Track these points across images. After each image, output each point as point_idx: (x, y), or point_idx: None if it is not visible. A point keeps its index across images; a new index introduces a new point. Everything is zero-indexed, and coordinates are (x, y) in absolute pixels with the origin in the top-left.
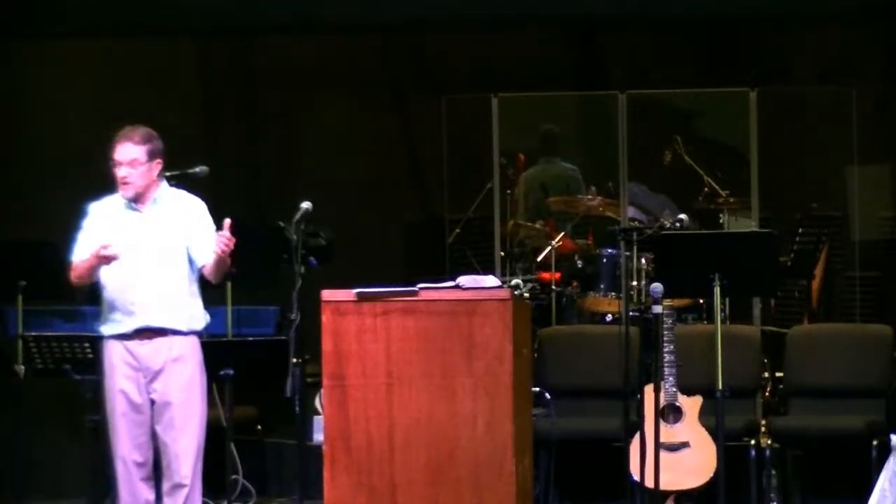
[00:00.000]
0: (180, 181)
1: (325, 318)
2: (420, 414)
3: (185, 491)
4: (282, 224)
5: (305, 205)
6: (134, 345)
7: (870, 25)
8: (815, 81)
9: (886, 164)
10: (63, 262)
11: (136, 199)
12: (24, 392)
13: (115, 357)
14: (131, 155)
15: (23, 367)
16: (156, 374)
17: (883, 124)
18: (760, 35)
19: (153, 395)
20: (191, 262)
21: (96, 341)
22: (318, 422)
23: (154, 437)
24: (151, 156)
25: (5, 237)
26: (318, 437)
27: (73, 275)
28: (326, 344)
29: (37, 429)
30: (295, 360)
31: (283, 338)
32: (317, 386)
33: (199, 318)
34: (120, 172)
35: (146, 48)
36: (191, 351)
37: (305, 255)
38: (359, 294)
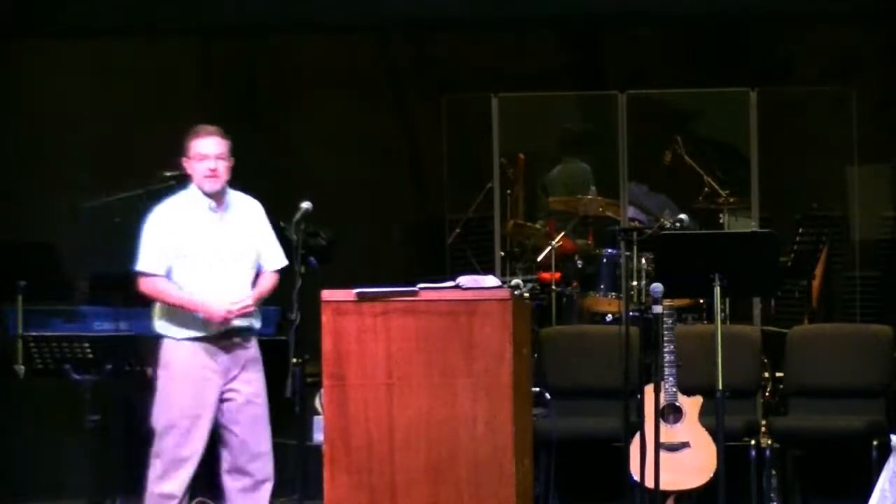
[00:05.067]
0: (180, 181)
1: (325, 318)
2: (420, 414)
3: (269, 486)
4: (282, 224)
5: (305, 205)
6: (216, 347)
7: (870, 25)
8: (815, 81)
9: (886, 164)
10: (61, 262)
11: (215, 197)
12: (24, 392)
13: (193, 359)
14: (220, 148)
15: (23, 367)
16: (237, 375)
17: (883, 124)
18: (760, 35)
19: (233, 395)
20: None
21: (96, 341)
22: (318, 422)
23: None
24: (230, 154)
25: (5, 237)
26: (318, 437)
27: (149, 291)
28: (326, 344)
29: (37, 429)
30: (295, 360)
31: (283, 338)
32: (317, 386)
33: (260, 318)
34: (209, 165)
35: (146, 48)
36: (259, 351)
37: (305, 255)
38: (359, 294)
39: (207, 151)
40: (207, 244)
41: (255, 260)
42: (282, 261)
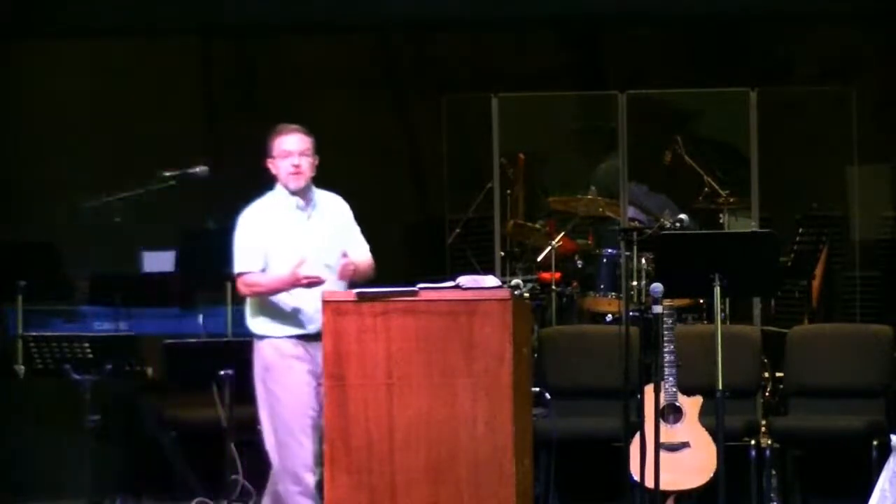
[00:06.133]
0: (180, 181)
1: (325, 318)
2: (420, 414)
3: None
4: None
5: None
6: (314, 346)
7: (870, 25)
8: (815, 81)
9: (886, 164)
10: (61, 262)
11: (301, 195)
12: (24, 392)
13: (293, 357)
14: (304, 144)
15: (23, 367)
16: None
17: (883, 124)
18: (760, 35)
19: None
20: None
21: (96, 341)
22: None
23: None
24: (315, 150)
25: (5, 237)
26: None
27: (250, 290)
28: (326, 344)
29: (37, 429)
30: None
31: None
32: None
33: None
34: (292, 162)
35: (146, 48)
36: None
37: None
38: (359, 294)
39: (291, 148)
40: (295, 244)
41: (342, 257)
42: (368, 254)
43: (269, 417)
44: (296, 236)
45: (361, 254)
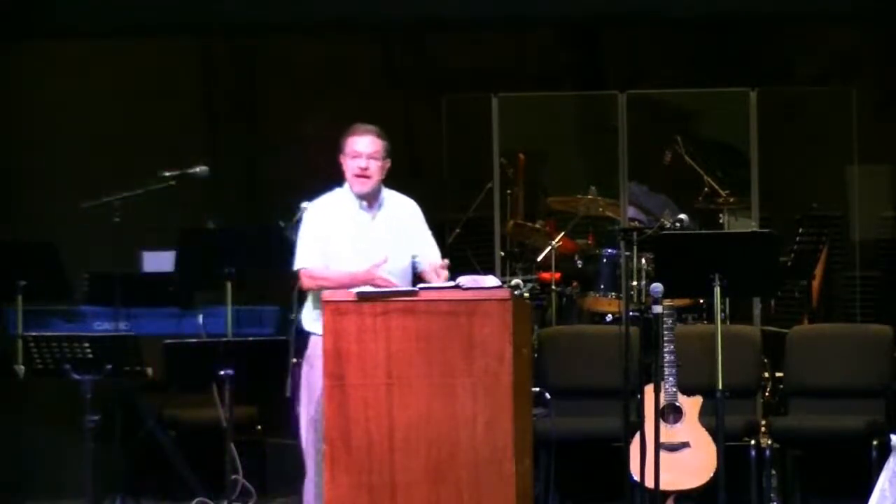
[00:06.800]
0: (180, 181)
1: (325, 318)
2: (420, 414)
3: None
4: (282, 224)
5: (305, 205)
6: None
7: (870, 25)
8: (816, 81)
9: (886, 164)
10: (61, 262)
11: (367, 198)
12: (24, 392)
13: None
14: (374, 147)
15: (23, 367)
16: None
17: (883, 124)
18: (760, 35)
19: None
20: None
21: (96, 341)
22: None
23: None
24: (386, 153)
25: (5, 237)
26: None
27: (316, 283)
28: (326, 344)
29: (37, 429)
30: (295, 360)
31: (283, 338)
32: None
33: None
34: (360, 164)
35: (146, 48)
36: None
37: None
38: (359, 294)
39: (360, 149)
40: (355, 244)
41: (409, 260)
42: (439, 257)
43: (310, 413)
44: (357, 236)
45: (431, 257)
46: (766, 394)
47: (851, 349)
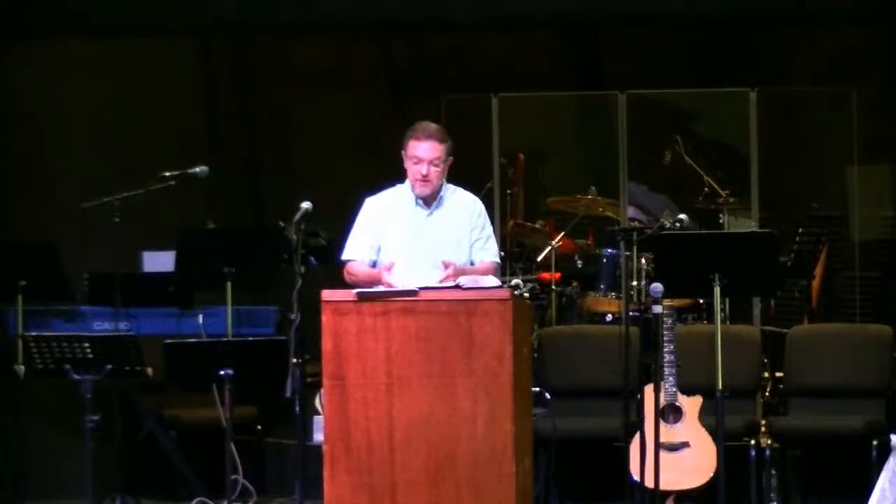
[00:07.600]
0: (180, 181)
1: (325, 318)
2: (420, 414)
3: None
4: (282, 224)
5: (305, 205)
6: None
7: (870, 25)
8: (815, 81)
9: (886, 164)
10: (60, 262)
11: (425, 199)
12: (24, 392)
13: None
14: (435, 153)
15: (23, 367)
16: None
17: (883, 124)
18: (760, 35)
19: None
20: None
21: (96, 341)
22: (318, 422)
23: None
24: (448, 154)
25: (5, 237)
26: (318, 437)
27: (349, 278)
28: (326, 344)
29: (37, 429)
30: (295, 360)
31: (283, 338)
32: (317, 386)
33: None
34: (420, 170)
35: (146, 48)
36: None
37: (305, 255)
38: (359, 294)
39: (422, 156)
40: (409, 240)
41: (465, 258)
42: (493, 258)
43: None
44: (411, 233)
45: (485, 257)
46: (766, 394)
47: (851, 349)
